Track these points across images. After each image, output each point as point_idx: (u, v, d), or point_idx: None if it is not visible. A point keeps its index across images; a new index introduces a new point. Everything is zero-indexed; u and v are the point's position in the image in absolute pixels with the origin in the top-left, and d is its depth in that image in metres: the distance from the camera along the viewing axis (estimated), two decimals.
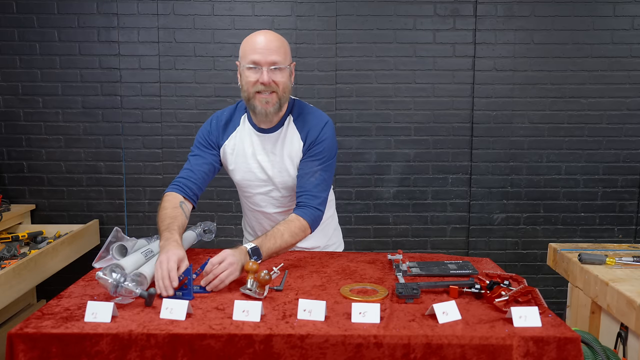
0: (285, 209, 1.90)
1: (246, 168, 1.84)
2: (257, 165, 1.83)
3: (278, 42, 1.72)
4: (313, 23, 3.17)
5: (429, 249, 3.35)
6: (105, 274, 1.37)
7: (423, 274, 1.64)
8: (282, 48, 1.72)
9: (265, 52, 1.68)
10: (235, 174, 1.87)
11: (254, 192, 1.88)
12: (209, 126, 1.88)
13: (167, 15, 3.17)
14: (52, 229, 3.11)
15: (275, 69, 1.70)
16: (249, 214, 1.98)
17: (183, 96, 3.23)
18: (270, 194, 1.87)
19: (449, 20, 3.19)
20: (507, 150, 3.28)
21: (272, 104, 1.72)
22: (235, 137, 1.85)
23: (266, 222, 1.93)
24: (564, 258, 2.09)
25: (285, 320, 1.29)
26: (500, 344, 1.21)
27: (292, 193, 1.86)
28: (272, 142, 1.82)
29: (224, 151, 1.86)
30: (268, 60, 1.68)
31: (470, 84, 3.24)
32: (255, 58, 1.68)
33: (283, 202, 1.89)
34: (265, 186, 1.86)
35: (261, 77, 1.68)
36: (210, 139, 1.86)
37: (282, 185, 1.85)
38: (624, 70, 3.21)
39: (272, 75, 1.69)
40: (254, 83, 1.70)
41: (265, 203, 1.89)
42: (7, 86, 3.21)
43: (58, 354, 1.21)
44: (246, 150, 1.84)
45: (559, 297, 3.29)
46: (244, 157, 1.84)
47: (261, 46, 1.69)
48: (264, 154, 1.83)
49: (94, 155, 3.27)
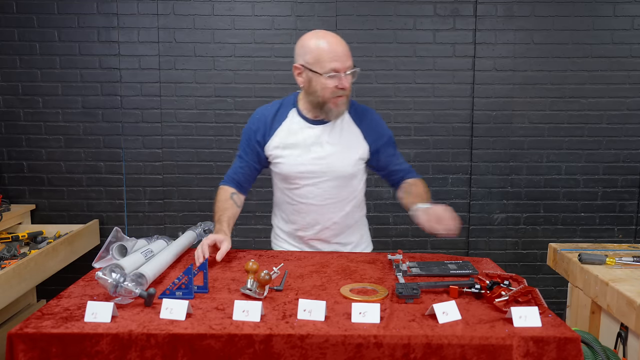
0: (332, 201, 1.92)
1: (297, 159, 1.87)
2: (311, 155, 1.87)
3: (345, 45, 1.80)
4: (313, 23, 3.16)
5: (429, 249, 3.36)
6: (105, 274, 1.37)
7: (423, 274, 1.64)
8: (349, 50, 1.80)
9: (344, 58, 1.76)
10: (283, 167, 1.90)
11: (302, 183, 1.90)
12: (253, 124, 1.94)
13: (167, 15, 3.17)
14: (52, 229, 3.11)
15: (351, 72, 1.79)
16: (291, 208, 1.97)
17: (183, 96, 3.23)
18: (320, 185, 1.89)
19: (449, 20, 3.19)
20: (507, 150, 3.28)
21: (344, 105, 1.82)
22: (283, 131, 1.89)
23: (312, 215, 1.94)
24: (564, 258, 2.09)
25: (285, 320, 1.29)
26: (500, 344, 1.21)
27: (343, 184, 1.91)
28: (328, 132, 1.88)
29: (270, 146, 1.90)
30: (346, 66, 1.77)
31: (470, 84, 3.24)
32: (336, 66, 1.75)
33: (331, 193, 1.91)
34: (315, 177, 1.89)
35: (341, 83, 1.76)
36: (256, 138, 1.91)
37: (336, 175, 1.89)
38: (624, 70, 3.21)
39: (349, 78, 1.80)
40: (332, 89, 1.77)
41: (313, 195, 1.91)
42: (7, 86, 3.21)
43: (58, 354, 1.21)
44: (298, 142, 1.87)
45: (559, 297, 3.29)
46: (295, 149, 1.87)
47: (338, 52, 1.76)
48: (318, 144, 1.87)
49: (94, 155, 3.27)
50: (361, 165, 1.94)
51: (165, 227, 3.31)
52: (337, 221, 1.95)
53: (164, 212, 3.32)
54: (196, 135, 3.26)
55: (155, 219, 3.32)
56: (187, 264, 1.75)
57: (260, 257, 1.86)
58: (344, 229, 1.98)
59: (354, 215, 1.99)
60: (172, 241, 1.86)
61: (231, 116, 3.25)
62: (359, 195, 2.00)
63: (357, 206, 1.99)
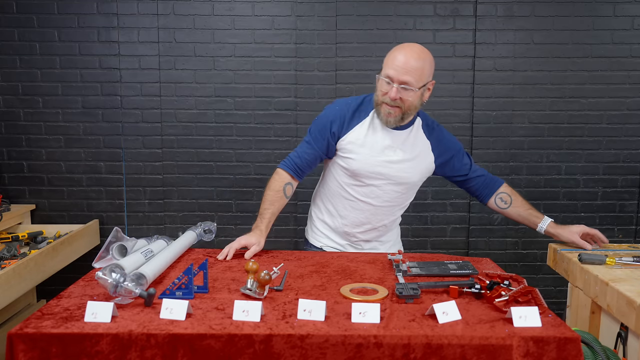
0: (389, 204, 1.99)
1: (369, 159, 1.91)
2: (383, 157, 1.91)
3: (417, 63, 1.79)
4: (313, 23, 3.17)
5: (429, 249, 3.35)
6: (105, 274, 1.37)
7: (423, 274, 1.65)
8: (418, 70, 1.80)
9: (401, 71, 1.79)
10: (354, 163, 1.92)
11: (368, 182, 1.94)
12: (335, 114, 1.95)
13: (167, 15, 3.17)
14: (52, 229, 3.11)
15: (405, 88, 1.79)
16: (347, 203, 2.00)
17: (183, 96, 3.23)
18: (383, 188, 1.95)
19: (449, 20, 3.19)
20: (507, 150, 3.28)
21: (393, 115, 1.85)
22: (362, 128, 1.93)
23: (365, 214, 1.99)
24: (564, 258, 2.09)
25: (285, 320, 1.29)
26: (500, 344, 1.21)
27: (404, 191, 1.98)
28: (403, 139, 1.94)
29: (344, 140, 1.93)
30: (400, 79, 1.79)
31: (470, 84, 3.24)
32: (390, 73, 1.81)
33: (391, 196, 1.97)
34: (381, 179, 1.93)
35: (390, 92, 1.80)
36: (332, 127, 1.93)
37: (400, 180, 1.94)
38: (624, 70, 3.21)
39: (401, 93, 1.80)
40: (383, 94, 1.83)
41: (374, 195, 1.96)
42: (7, 86, 3.21)
43: (58, 354, 1.21)
44: (375, 143, 1.91)
45: (559, 297, 3.29)
46: (370, 149, 1.91)
47: (398, 64, 1.79)
48: (391, 149, 1.92)
49: (94, 155, 3.27)
50: (426, 176, 2.01)
51: (165, 227, 3.31)
52: (387, 224, 2.04)
53: (164, 212, 3.32)
54: (196, 135, 3.26)
55: (155, 219, 3.32)
56: (187, 264, 1.75)
57: (260, 257, 1.86)
58: (387, 231, 2.09)
59: (399, 219, 2.14)
60: (172, 241, 1.86)
61: (231, 116, 3.24)
62: (410, 203, 2.10)
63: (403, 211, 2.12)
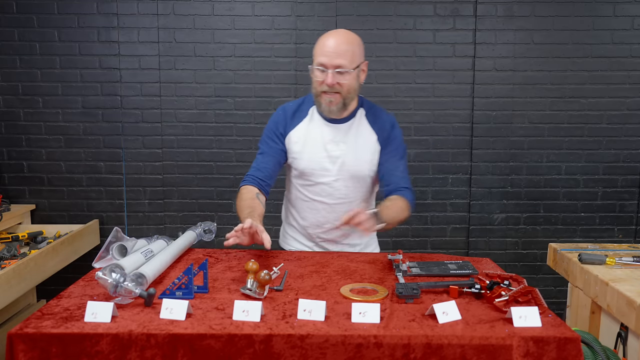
0: (345, 200, 1.94)
1: (313, 156, 1.90)
2: (326, 153, 1.90)
3: (346, 46, 1.78)
4: (313, 23, 3.17)
5: (429, 249, 3.35)
6: (105, 274, 1.37)
7: (423, 274, 1.64)
8: (349, 51, 1.78)
9: (332, 56, 1.76)
10: (300, 162, 1.92)
11: (317, 180, 1.92)
12: (277, 117, 1.96)
13: (167, 15, 3.17)
14: (52, 229, 3.11)
15: (340, 72, 1.77)
16: (304, 204, 1.99)
17: (183, 96, 3.23)
18: (333, 184, 1.92)
19: (449, 20, 3.19)
20: (507, 150, 3.28)
21: (335, 103, 1.82)
22: (303, 126, 1.93)
23: (322, 213, 1.96)
24: (564, 258, 2.09)
25: (285, 320, 1.29)
26: (500, 344, 1.21)
27: (357, 184, 1.93)
28: (344, 132, 1.90)
29: (289, 140, 1.93)
30: (334, 64, 1.76)
31: (470, 84, 3.24)
32: (322, 60, 1.78)
33: (343, 192, 1.93)
34: (330, 175, 1.91)
35: (326, 79, 1.77)
36: (278, 129, 1.94)
37: (349, 174, 1.91)
38: (624, 70, 3.21)
39: (337, 77, 1.78)
40: (320, 83, 1.80)
41: (326, 193, 1.93)
42: (7, 86, 3.21)
43: (58, 354, 1.21)
44: (315, 139, 1.90)
45: (559, 297, 3.29)
46: (312, 145, 1.90)
47: (328, 49, 1.77)
48: (334, 143, 1.90)
49: (94, 155, 3.27)
50: (375, 167, 1.95)
51: (165, 227, 3.31)
52: None
53: (164, 212, 3.32)
54: (196, 135, 3.26)
55: (155, 219, 3.32)
56: (187, 264, 1.75)
57: (260, 257, 1.86)
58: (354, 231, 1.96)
59: None
60: (172, 241, 1.86)
61: (231, 116, 3.25)
62: (371, 197, 2.03)
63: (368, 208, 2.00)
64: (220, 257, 1.85)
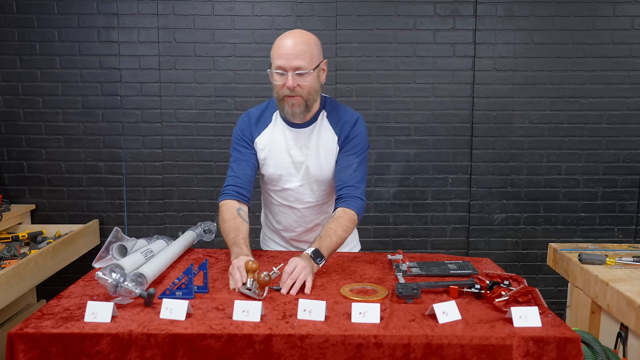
0: (315, 204, 1.92)
1: (278, 162, 1.88)
2: (290, 159, 1.87)
3: (303, 46, 1.72)
4: (313, 23, 3.16)
5: (429, 249, 3.35)
6: (105, 274, 1.37)
7: (423, 274, 1.64)
8: (307, 52, 1.73)
9: (290, 57, 1.71)
10: (267, 168, 1.90)
11: (284, 186, 1.91)
12: (242, 123, 1.93)
13: (167, 15, 3.17)
14: (52, 229, 3.11)
15: (299, 73, 1.72)
16: (276, 208, 1.99)
17: (183, 96, 3.23)
18: (300, 189, 1.90)
19: (449, 20, 3.19)
20: (507, 150, 3.28)
21: (297, 106, 1.77)
22: (267, 133, 1.89)
23: (293, 217, 1.95)
24: (564, 258, 2.09)
25: (285, 320, 1.29)
26: (500, 344, 1.21)
27: (323, 188, 1.90)
28: (306, 137, 1.86)
29: (256, 146, 1.91)
30: (292, 66, 1.71)
31: (470, 84, 3.24)
32: (281, 63, 1.72)
33: (311, 197, 1.91)
34: (295, 181, 1.89)
35: (286, 82, 1.72)
36: (245, 135, 1.91)
37: (314, 179, 1.88)
38: (624, 70, 3.21)
39: (297, 79, 1.72)
40: (281, 87, 1.75)
41: (293, 198, 1.92)
42: (7, 86, 3.21)
43: (58, 354, 1.21)
44: (279, 144, 1.87)
45: (559, 297, 3.29)
46: (277, 151, 1.88)
47: (286, 51, 1.71)
48: (297, 148, 1.86)
49: (94, 155, 3.27)
50: None
51: (165, 227, 3.31)
52: (320, 223, 1.94)
53: (164, 212, 3.32)
54: (196, 135, 3.26)
55: (155, 219, 3.32)
56: (187, 264, 1.75)
57: (260, 257, 1.86)
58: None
59: None
60: (172, 241, 1.86)
61: (231, 116, 3.24)
62: None
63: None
64: (220, 257, 1.85)
